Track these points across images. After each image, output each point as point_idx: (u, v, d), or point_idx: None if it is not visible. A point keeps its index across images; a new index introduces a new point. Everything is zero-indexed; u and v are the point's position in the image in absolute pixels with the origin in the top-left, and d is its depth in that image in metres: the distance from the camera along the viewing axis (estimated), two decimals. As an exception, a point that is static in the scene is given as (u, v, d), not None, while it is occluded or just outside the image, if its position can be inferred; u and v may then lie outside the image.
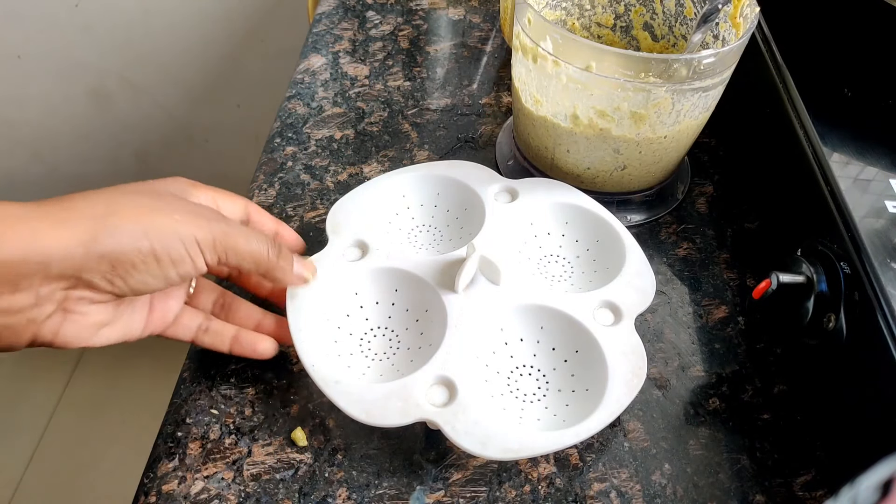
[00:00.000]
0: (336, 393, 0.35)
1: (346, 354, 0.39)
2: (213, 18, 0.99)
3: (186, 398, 0.39)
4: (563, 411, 0.37)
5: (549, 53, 0.42)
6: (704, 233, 0.49)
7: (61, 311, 0.31)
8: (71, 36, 1.01)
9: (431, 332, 0.39)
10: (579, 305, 0.39)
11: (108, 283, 0.31)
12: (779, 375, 0.42)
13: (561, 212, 0.45)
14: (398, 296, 0.41)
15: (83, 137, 1.15)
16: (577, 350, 0.39)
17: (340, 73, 0.60)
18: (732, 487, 0.37)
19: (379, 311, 0.41)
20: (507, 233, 0.43)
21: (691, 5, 0.49)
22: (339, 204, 0.44)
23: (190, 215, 0.33)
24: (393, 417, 0.34)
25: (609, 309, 0.40)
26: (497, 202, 0.45)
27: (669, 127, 0.43)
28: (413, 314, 0.40)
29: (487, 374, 0.38)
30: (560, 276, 0.43)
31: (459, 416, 0.34)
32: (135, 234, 0.31)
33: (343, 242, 0.42)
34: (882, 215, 0.37)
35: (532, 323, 0.40)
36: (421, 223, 0.46)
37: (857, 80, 0.46)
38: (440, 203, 0.47)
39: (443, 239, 0.45)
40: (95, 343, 0.33)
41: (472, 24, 0.66)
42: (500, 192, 0.46)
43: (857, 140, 0.42)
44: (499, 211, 0.44)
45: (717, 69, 0.41)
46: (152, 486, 0.36)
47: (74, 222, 0.30)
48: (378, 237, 0.43)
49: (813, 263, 0.37)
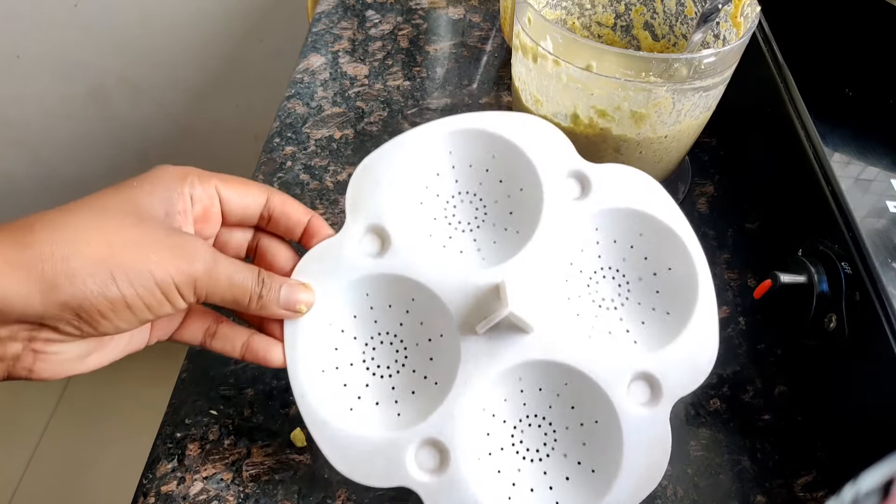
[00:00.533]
0: (322, 439, 0.33)
1: (346, 365, 0.35)
2: (213, 18, 0.99)
3: (185, 399, 0.39)
4: (559, 486, 0.33)
5: (550, 53, 0.42)
6: (705, 233, 0.49)
7: (30, 351, 0.28)
8: (71, 36, 1.01)
9: (440, 366, 0.35)
10: (614, 371, 0.34)
11: (74, 329, 0.28)
12: (779, 376, 0.42)
13: (638, 221, 0.37)
14: (414, 305, 0.36)
15: (83, 137, 1.15)
16: (596, 421, 0.34)
17: (340, 72, 0.60)
18: (733, 488, 0.37)
19: (390, 316, 0.36)
20: (562, 242, 0.36)
21: (692, 5, 0.49)
22: (367, 164, 0.37)
23: (168, 252, 0.29)
24: (375, 478, 0.32)
25: (648, 384, 0.34)
26: (561, 193, 0.36)
27: (670, 127, 0.43)
28: (426, 331, 0.36)
29: (492, 425, 0.34)
30: (610, 301, 0.37)
31: (444, 493, 0.32)
32: (101, 278, 0.27)
33: (360, 226, 0.36)
34: (883, 215, 0.37)
35: (557, 378, 0.34)
36: (465, 189, 0.38)
37: (858, 80, 0.46)
38: (493, 168, 0.38)
39: (485, 220, 0.38)
40: (84, 370, 0.31)
41: (472, 23, 0.66)
42: (567, 178, 0.37)
43: (859, 140, 0.42)
44: (561, 210, 0.36)
45: (718, 69, 0.41)
46: (151, 486, 0.36)
47: (31, 265, 0.26)
48: (404, 222, 0.36)
49: (814, 263, 0.37)
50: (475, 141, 0.37)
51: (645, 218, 0.36)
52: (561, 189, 0.36)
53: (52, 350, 0.28)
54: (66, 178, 1.22)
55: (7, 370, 0.28)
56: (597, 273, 0.37)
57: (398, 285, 0.35)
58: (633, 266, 0.37)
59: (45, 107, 1.11)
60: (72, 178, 1.21)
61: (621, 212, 0.36)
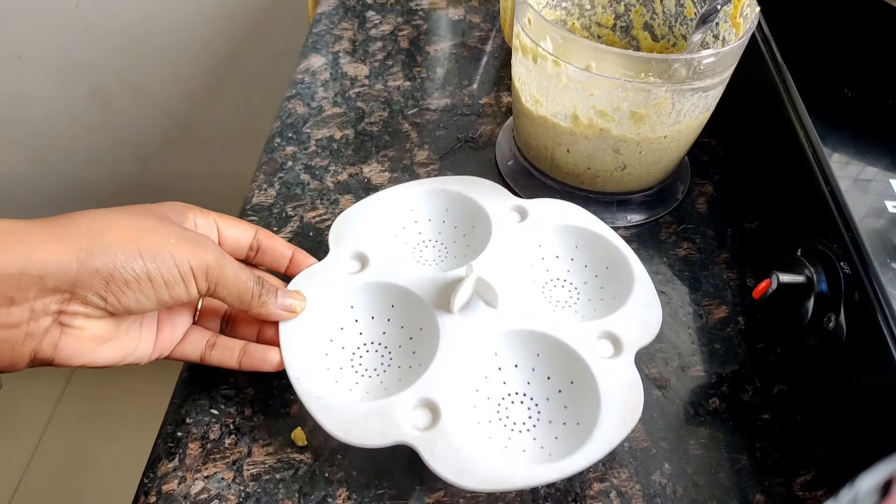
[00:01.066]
0: (318, 409, 0.35)
1: (336, 368, 0.38)
2: (213, 18, 0.99)
3: (186, 398, 0.39)
4: (550, 444, 0.36)
5: (549, 53, 0.42)
6: (704, 233, 0.49)
7: (57, 325, 0.31)
8: (71, 36, 1.01)
9: (423, 352, 0.38)
10: (579, 334, 0.38)
11: (101, 300, 0.31)
12: (779, 375, 0.42)
13: (571, 235, 0.44)
14: (394, 312, 0.40)
15: (83, 137, 1.15)
16: (572, 381, 0.37)
17: (340, 73, 0.60)
18: (732, 487, 0.37)
19: (374, 326, 0.40)
20: (512, 253, 0.42)
21: (691, 5, 0.49)
22: (345, 215, 0.44)
23: (185, 240, 0.33)
24: (372, 438, 0.34)
25: (609, 340, 0.38)
26: (506, 222, 0.44)
27: (669, 127, 0.43)
28: (407, 332, 0.40)
29: (477, 399, 0.37)
30: (565, 302, 0.42)
31: (439, 443, 0.34)
32: (130, 252, 0.31)
33: (344, 254, 0.41)
34: (882, 215, 0.37)
35: (528, 349, 0.38)
36: (428, 238, 0.45)
37: (857, 81, 0.46)
38: (448, 219, 0.46)
39: (447, 256, 0.44)
40: (99, 360, 0.33)
41: (472, 24, 0.66)
42: (509, 211, 0.44)
43: (858, 140, 0.42)
44: (507, 231, 0.43)
45: (717, 69, 0.41)
46: (152, 486, 0.36)
47: (70, 238, 0.30)
48: (380, 251, 0.42)
49: (813, 263, 0.37)
50: (431, 198, 0.46)
51: (577, 231, 0.44)
52: (505, 219, 0.44)
53: (78, 324, 0.31)
54: (66, 178, 1.22)
55: (33, 350, 0.31)
56: (548, 283, 0.43)
57: (378, 293, 0.40)
58: (577, 274, 0.44)
59: (46, 107, 1.11)
60: (72, 177, 1.21)
61: (557, 228, 0.44)
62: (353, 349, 0.39)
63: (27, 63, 1.05)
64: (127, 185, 1.23)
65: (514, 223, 0.44)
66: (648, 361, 0.42)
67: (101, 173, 1.21)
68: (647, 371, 0.42)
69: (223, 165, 1.20)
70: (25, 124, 1.14)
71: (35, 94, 1.09)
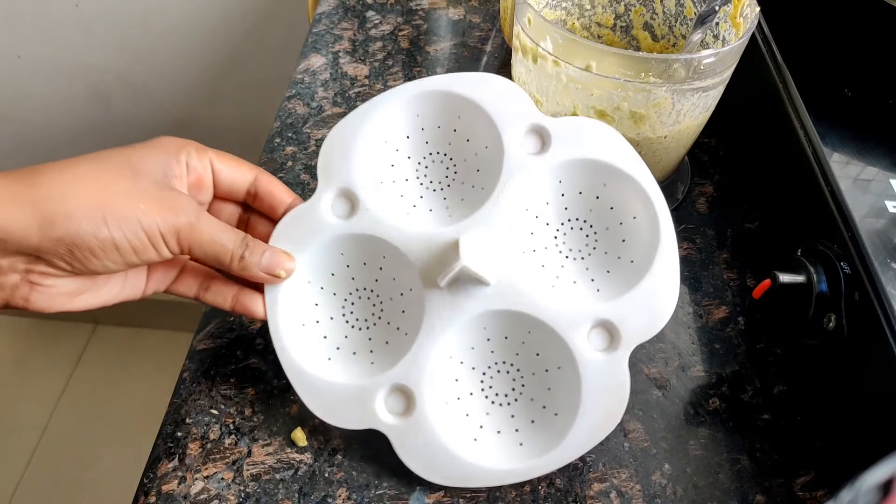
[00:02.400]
0: (301, 387, 0.36)
1: (326, 319, 0.37)
2: (213, 18, 0.99)
3: (186, 398, 0.39)
4: (525, 428, 0.35)
5: (549, 53, 0.42)
6: (704, 233, 0.49)
7: (27, 282, 0.31)
8: (71, 36, 1.01)
9: (410, 318, 0.37)
10: (574, 318, 0.35)
11: (67, 265, 0.31)
12: (779, 376, 0.42)
13: (601, 171, 0.37)
14: (385, 262, 0.38)
15: (83, 137, 1.15)
16: (559, 367, 0.36)
17: (340, 72, 0.60)
18: (732, 487, 0.37)
19: (366, 273, 0.38)
20: (524, 196, 0.37)
21: (691, 5, 0.49)
22: (338, 130, 0.38)
23: (156, 204, 0.32)
24: (349, 421, 0.35)
25: (607, 331, 0.35)
26: (522, 149, 0.37)
27: (669, 127, 0.43)
28: (398, 286, 0.38)
29: (460, 371, 0.36)
30: (577, 251, 0.38)
31: (410, 434, 0.34)
32: (94, 220, 0.30)
33: (331, 192, 0.38)
34: (882, 215, 0.37)
35: (519, 327, 0.36)
36: (435, 150, 0.40)
37: (857, 80, 0.46)
38: (460, 128, 0.39)
39: (455, 178, 0.39)
40: (75, 307, 0.33)
41: (472, 24, 0.66)
42: (528, 135, 0.37)
43: (858, 140, 0.42)
44: (521, 165, 0.37)
45: (717, 69, 0.41)
46: (152, 486, 0.36)
47: (34, 202, 0.29)
48: (372, 186, 0.38)
49: (813, 263, 0.37)
50: (441, 102, 0.39)
51: (608, 168, 0.37)
52: (522, 144, 0.37)
53: (47, 283, 0.31)
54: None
55: (6, 298, 0.31)
56: (564, 225, 0.38)
57: (369, 244, 0.37)
58: (599, 216, 0.38)
59: (46, 107, 1.11)
60: (72, 177, 1.21)
61: (584, 163, 0.37)
62: (346, 294, 0.38)
63: (27, 63, 1.05)
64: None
65: (531, 152, 0.37)
66: (648, 361, 0.42)
67: (101, 173, 1.21)
68: (647, 371, 0.42)
69: (223, 165, 1.20)
70: (25, 124, 1.14)
71: (35, 94, 1.09)
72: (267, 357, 0.41)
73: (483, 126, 0.38)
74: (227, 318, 0.43)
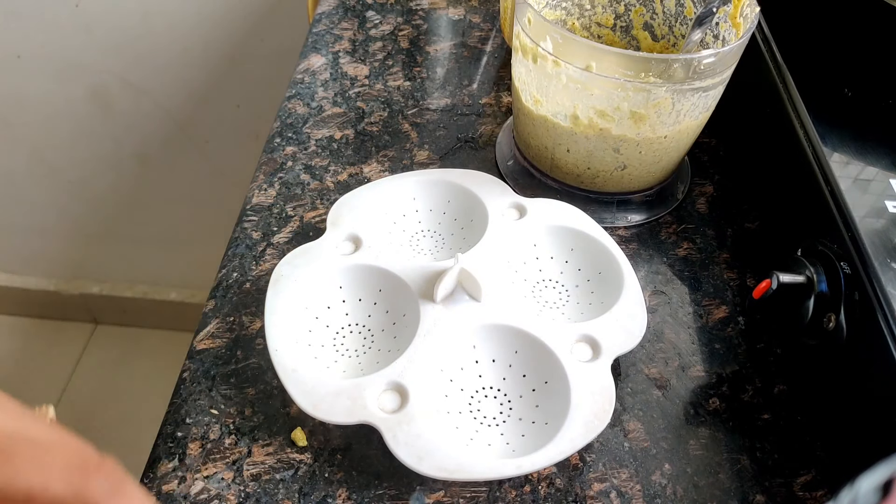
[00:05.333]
0: (290, 381, 0.36)
1: (318, 345, 0.39)
2: (213, 18, 0.99)
3: (186, 398, 0.39)
4: (517, 441, 0.36)
5: (549, 53, 0.42)
6: (704, 233, 0.49)
7: None
8: (71, 36, 1.01)
9: (403, 338, 0.39)
10: (559, 335, 0.38)
11: None
12: (779, 375, 0.42)
13: (568, 237, 0.44)
14: (381, 296, 0.41)
15: (83, 137, 1.15)
16: (546, 381, 0.37)
17: (340, 72, 0.60)
18: (732, 487, 0.37)
19: (360, 309, 0.41)
20: (506, 250, 0.42)
21: (691, 5, 0.49)
22: (346, 198, 0.45)
23: None
24: (339, 415, 0.35)
25: (589, 344, 0.38)
26: (504, 217, 0.44)
27: (669, 127, 0.43)
28: (391, 317, 0.40)
29: (450, 389, 0.37)
30: (553, 303, 0.42)
31: (403, 426, 0.34)
32: None
33: (339, 235, 0.42)
34: (882, 215, 0.37)
35: (507, 345, 0.39)
36: (426, 228, 0.46)
37: (857, 80, 0.46)
38: (448, 210, 0.46)
39: (443, 247, 0.45)
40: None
41: (472, 24, 0.66)
42: (509, 208, 0.45)
43: (858, 140, 0.42)
44: (504, 227, 0.43)
45: (717, 69, 0.41)
46: (152, 486, 0.36)
47: None
48: (375, 235, 0.42)
49: (813, 263, 0.37)
50: (434, 189, 0.46)
51: (574, 234, 0.44)
52: (504, 215, 0.44)
53: None
54: (66, 177, 1.22)
55: None
56: (539, 283, 0.43)
57: (368, 276, 0.41)
58: (569, 276, 0.44)
59: (45, 107, 1.11)
60: (72, 177, 1.21)
61: (554, 228, 0.44)
62: (338, 328, 0.40)
63: (27, 63, 1.05)
64: (127, 185, 1.23)
65: (512, 220, 0.44)
66: (648, 361, 0.42)
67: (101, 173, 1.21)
68: (647, 371, 0.42)
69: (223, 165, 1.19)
70: (25, 124, 1.14)
71: (35, 94, 1.09)
72: (267, 357, 0.41)
73: (470, 205, 0.45)
74: (227, 319, 0.43)
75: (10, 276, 1.37)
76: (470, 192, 0.45)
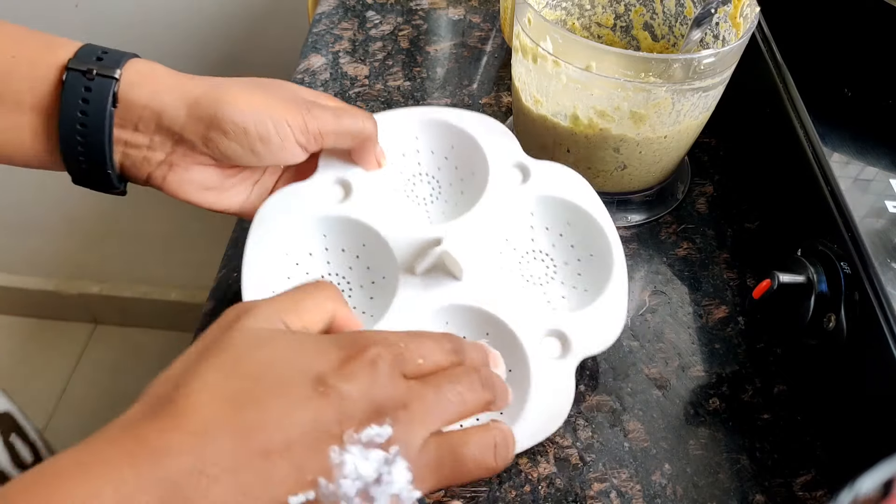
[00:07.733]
0: None
1: None
2: (213, 19, 0.99)
3: (186, 398, 0.39)
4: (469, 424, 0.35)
5: (549, 53, 0.42)
6: (704, 233, 0.49)
7: (168, 164, 0.37)
8: (71, 36, 1.01)
9: (378, 305, 0.38)
10: (531, 325, 0.37)
11: (203, 146, 0.36)
12: (779, 375, 0.42)
13: (567, 210, 0.42)
14: (364, 251, 0.40)
15: (83, 137, 1.15)
16: (510, 370, 0.36)
17: (340, 73, 0.60)
18: (732, 487, 0.37)
19: (342, 259, 0.40)
20: (501, 216, 0.41)
21: (691, 5, 0.49)
22: None
23: (284, 101, 0.37)
24: None
25: (559, 340, 0.37)
26: (506, 179, 0.41)
27: (669, 127, 0.43)
28: (372, 274, 0.40)
29: None
30: (538, 279, 0.41)
31: None
32: (232, 107, 0.35)
33: (329, 177, 0.40)
34: (882, 215, 0.37)
35: (478, 328, 0.38)
36: (425, 171, 0.43)
37: (857, 80, 0.46)
38: (451, 157, 0.43)
39: (439, 198, 0.43)
40: (198, 200, 0.39)
41: (472, 24, 0.66)
42: (512, 168, 0.42)
43: (858, 140, 0.42)
44: (503, 189, 0.41)
45: (717, 69, 0.41)
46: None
47: (191, 87, 0.36)
48: (368, 181, 0.40)
49: (813, 263, 0.37)
50: (439, 131, 0.43)
51: (574, 209, 0.41)
52: (505, 175, 0.42)
53: (185, 166, 0.37)
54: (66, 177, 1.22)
55: (149, 172, 0.38)
56: (528, 254, 0.42)
57: (353, 230, 0.40)
58: (560, 251, 0.42)
59: (46, 107, 1.11)
60: (72, 178, 1.22)
61: (555, 200, 0.41)
62: (318, 277, 0.39)
63: (27, 63, 1.04)
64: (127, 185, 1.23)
65: (513, 183, 0.42)
66: (648, 361, 0.42)
67: (101, 173, 1.21)
68: (647, 371, 0.42)
69: (223, 165, 1.20)
70: (25, 124, 1.13)
71: (35, 94, 1.09)
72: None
73: (473, 157, 0.43)
74: (227, 318, 0.42)
75: (9, 276, 1.37)
76: (476, 142, 0.42)
